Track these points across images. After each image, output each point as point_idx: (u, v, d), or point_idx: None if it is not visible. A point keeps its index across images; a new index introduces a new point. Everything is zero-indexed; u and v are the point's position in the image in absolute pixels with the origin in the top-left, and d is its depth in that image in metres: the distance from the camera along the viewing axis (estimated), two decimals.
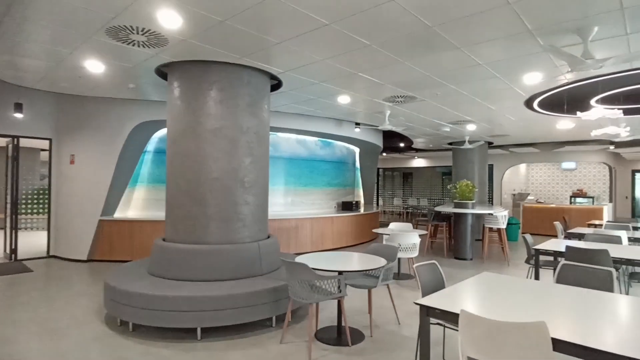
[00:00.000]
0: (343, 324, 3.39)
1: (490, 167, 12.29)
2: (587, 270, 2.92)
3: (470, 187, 7.61)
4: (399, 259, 5.35)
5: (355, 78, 4.66)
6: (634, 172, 13.31)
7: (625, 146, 10.44)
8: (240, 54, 3.88)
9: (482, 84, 4.86)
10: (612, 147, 11.04)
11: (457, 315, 1.91)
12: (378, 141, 9.59)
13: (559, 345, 1.70)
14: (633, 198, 13.34)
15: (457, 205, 7.67)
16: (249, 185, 4.20)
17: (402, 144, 11.47)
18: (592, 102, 5.97)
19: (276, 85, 4.97)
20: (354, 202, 9.25)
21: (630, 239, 5.69)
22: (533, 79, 4.61)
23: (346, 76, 4.59)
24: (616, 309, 2.23)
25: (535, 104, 5.95)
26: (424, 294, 2.59)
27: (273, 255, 4.34)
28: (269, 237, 4.53)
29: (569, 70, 3.40)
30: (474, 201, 7.67)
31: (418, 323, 2.28)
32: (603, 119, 6.40)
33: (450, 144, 10.35)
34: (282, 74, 4.56)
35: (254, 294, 3.52)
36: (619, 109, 4.99)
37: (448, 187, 8.44)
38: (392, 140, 10.63)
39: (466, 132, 8.61)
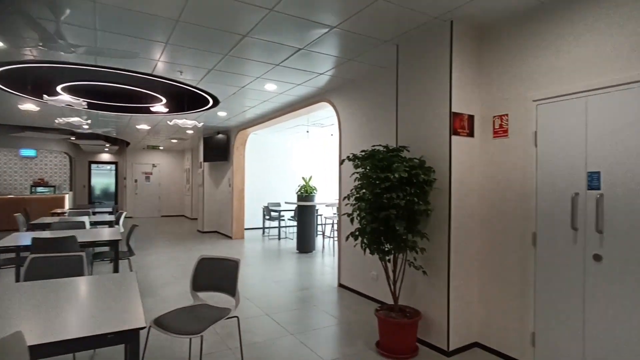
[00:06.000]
0: None
1: None
2: (58, 259, 2.81)
3: None
4: None
5: None
6: (90, 162, 14.78)
7: (85, 138, 11.30)
8: None
9: None
10: (73, 138, 11.55)
11: None
12: None
13: (36, 350, 1.48)
14: (90, 186, 14.80)
15: None
16: None
17: None
18: (59, 88, 5.89)
19: None
20: None
21: (91, 223, 6.23)
22: None
23: None
24: (89, 291, 2.30)
25: None
26: None
27: None
28: None
29: (40, 45, 3.11)
30: None
31: None
32: (67, 109, 6.53)
33: None
34: None
35: None
36: (83, 100, 5.25)
37: None
38: None
39: None
